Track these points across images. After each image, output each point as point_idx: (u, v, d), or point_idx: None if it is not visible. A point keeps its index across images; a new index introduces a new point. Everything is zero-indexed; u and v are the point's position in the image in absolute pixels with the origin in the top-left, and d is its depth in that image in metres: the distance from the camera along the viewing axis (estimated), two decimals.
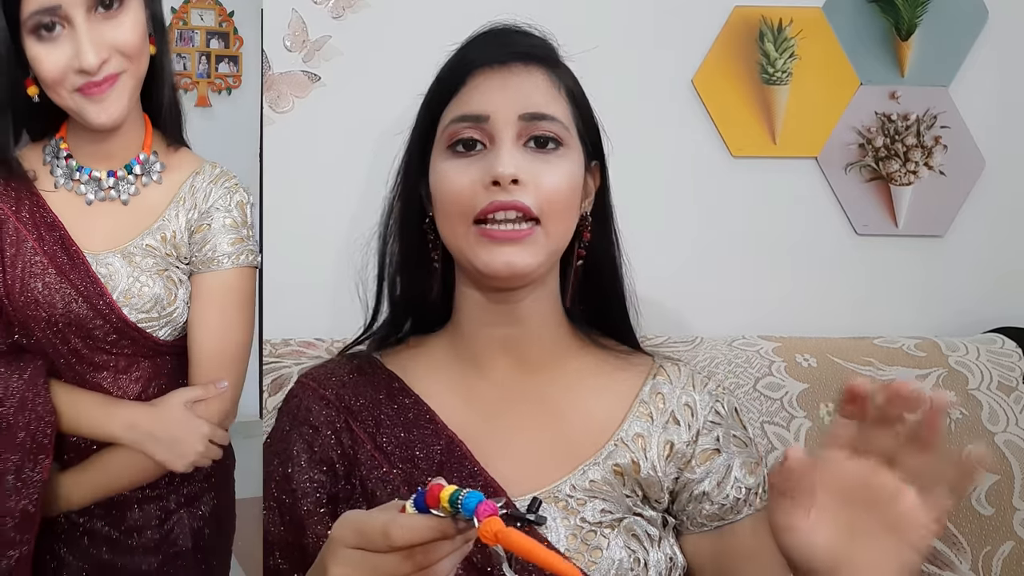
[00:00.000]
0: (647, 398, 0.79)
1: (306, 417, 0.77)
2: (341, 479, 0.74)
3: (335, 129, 1.21)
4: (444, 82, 0.77)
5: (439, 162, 0.75)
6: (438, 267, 0.79)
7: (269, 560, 0.74)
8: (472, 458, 0.73)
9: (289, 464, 0.75)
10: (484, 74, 0.74)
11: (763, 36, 1.24)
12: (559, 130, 0.74)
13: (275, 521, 0.74)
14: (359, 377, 0.80)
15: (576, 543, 0.71)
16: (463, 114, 0.73)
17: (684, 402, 0.79)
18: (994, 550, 1.00)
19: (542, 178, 0.72)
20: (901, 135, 1.26)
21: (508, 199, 0.70)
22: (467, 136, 0.73)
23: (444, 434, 0.75)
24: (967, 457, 0.52)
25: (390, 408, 0.77)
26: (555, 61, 0.78)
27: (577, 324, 0.83)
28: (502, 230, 0.70)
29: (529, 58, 0.75)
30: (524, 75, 0.74)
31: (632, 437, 0.76)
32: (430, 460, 0.73)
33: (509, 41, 0.76)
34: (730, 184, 1.25)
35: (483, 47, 0.76)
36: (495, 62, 0.74)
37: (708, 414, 0.79)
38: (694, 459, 0.77)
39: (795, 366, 1.09)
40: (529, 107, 0.73)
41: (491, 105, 0.73)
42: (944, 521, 0.51)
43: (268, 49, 1.19)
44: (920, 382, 1.08)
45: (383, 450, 0.74)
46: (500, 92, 0.73)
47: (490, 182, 0.70)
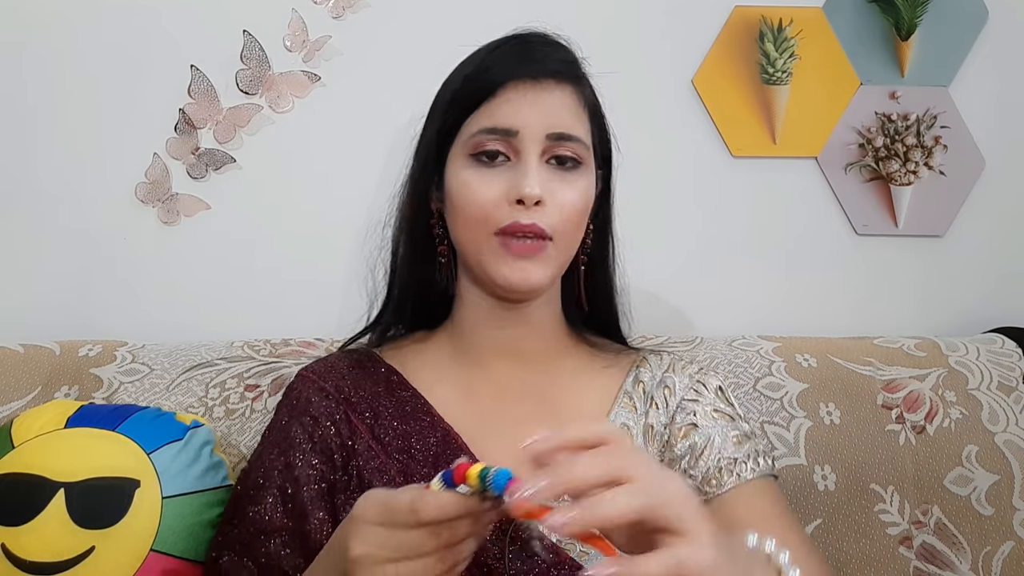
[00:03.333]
0: (630, 388, 0.82)
1: (306, 408, 0.79)
2: (339, 469, 0.75)
3: (335, 129, 1.21)
4: (472, 88, 0.77)
5: (460, 168, 0.76)
6: (444, 261, 0.81)
7: (268, 545, 0.74)
8: (468, 451, 0.74)
9: (291, 452, 0.76)
10: (516, 88, 0.75)
11: (763, 36, 1.24)
12: (581, 150, 0.76)
13: (276, 509, 0.74)
14: (358, 371, 0.81)
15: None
16: (493, 127, 0.74)
17: (663, 384, 0.82)
18: (994, 550, 0.99)
19: (561, 197, 0.74)
20: (901, 135, 1.26)
21: (528, 222, 0.72)
22: (492, 148, 0.74)
23: (441, 427, 0.76)
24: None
25: (388, 401, 0.78)
26: (581, 77, 0.80)
27: (571, 323, 0.86)
28: (519, 244, 0.73)
29: (560, 75, 0.76)
30: (555, 92, 0.76)
31: (619, 427, 0.78)
32: (426, 452, 0.74)
33: (542, 56, 0.77)
34: (730, 184, 1.25)
35: (516, 59, 0.76)
36: (528, 76, 0.75)
37: (686, 393, 0.81)
38: (672, 437, 0.78)
39: (795, 366, 1.09)
40: (557, 127, 0.74)
41: (521, 121, 0.74)
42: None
43: (268, 49, 1.20)
44: (919, 383, 1.08)
45: (380, 441, 0.75)
46: (531, 108, 0.74)
47: (515, 199, 0.72)
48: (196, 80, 1.19)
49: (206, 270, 1.20)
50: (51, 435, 0.90)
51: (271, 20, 1.19)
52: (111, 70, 1.18)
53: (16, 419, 0.93)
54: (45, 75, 1.18)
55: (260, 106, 1.20)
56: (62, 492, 0.85)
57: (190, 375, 1.06)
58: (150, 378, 1.05)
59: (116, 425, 0.92)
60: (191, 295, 1.20)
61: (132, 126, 1.19)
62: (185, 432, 0.94)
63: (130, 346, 1.09)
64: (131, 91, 1.19)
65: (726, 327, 1.20)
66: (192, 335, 1.14)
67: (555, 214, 0.73)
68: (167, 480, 0.90)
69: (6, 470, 0.88)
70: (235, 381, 1.05)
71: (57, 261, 1.19)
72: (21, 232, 1.19)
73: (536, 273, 0.74)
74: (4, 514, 0.85)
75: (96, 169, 1.19)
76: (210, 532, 0.91)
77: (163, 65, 1.18)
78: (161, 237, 1.20)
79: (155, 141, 1.19)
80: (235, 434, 1.02)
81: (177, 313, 1.20)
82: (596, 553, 0.70)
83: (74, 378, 1.05)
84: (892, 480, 1.02)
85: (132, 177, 1.19)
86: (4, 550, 0.84)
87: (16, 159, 1.18)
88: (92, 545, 0.84)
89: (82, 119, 1.18)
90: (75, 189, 1.19)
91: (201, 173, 1.20)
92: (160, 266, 1.20)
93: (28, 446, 0.89)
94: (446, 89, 0.82)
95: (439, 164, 0.79)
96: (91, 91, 1.18)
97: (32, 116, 1.18)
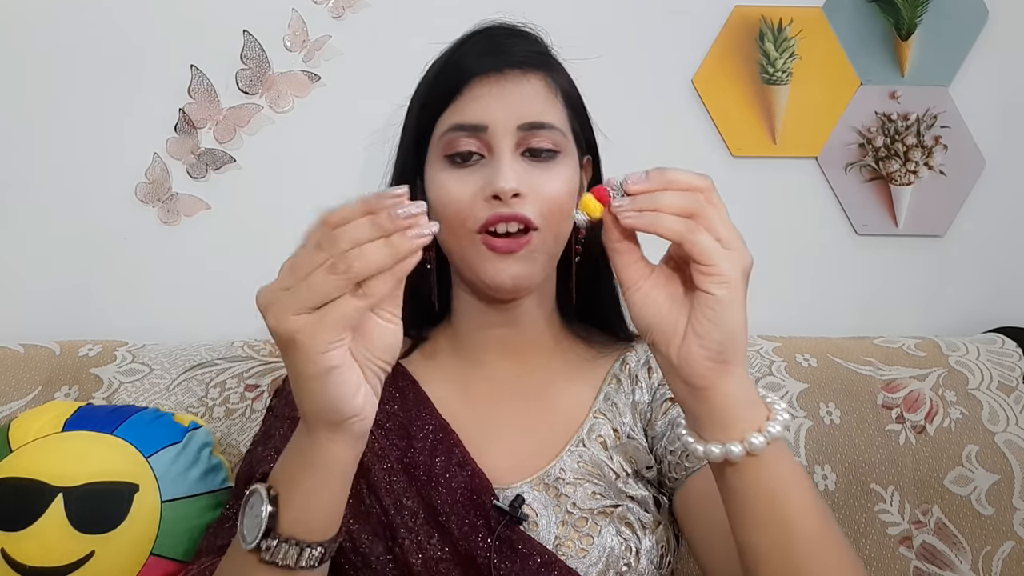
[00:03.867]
0: (617, 370, 0.82)
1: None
2: None
3: (335, 129, 1.21)
4: (439, 88, 0.76)
5: (436, 172, 0.74)
6: (431, 268, 0.80)
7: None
8: (462, 447, 0.73)
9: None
10: (481, 82, 0.73)
11: (763, 36, 1.24)
12: (557, 138, 0.74)
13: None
14: None
15: (566, 530, 0.71)
16: (460, 123, 0.73)
17: (646, 365, 0.82)
18: (994, 550, 0.99)
19: (542, 188, 0.72)
20: (901, 135, 1.26)
21: (510, 211, 0.70)
22: (464, 149, 0.72)
23: (438, 419, 0.76)
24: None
25: (389, 387, 0.77)
26: (551, 64, 0.78)
27: (565, 318, 0.85)
28: (504, 240, 0.71)
29: (526, 65, 0.74)
30: (522, 83, 0.74)
31: (608, 407, 0.79)
32: (424, 440, 0.74)
33: (505, 47, 0.75)
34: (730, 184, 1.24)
35: (479, 53, 0.75)
36: (492, 70, 0.73)
37: None
38: (653, 415, 0.78)
39: (795, 366, 1.09)
40: (527, 116, 0.72)
41: (489, 115, 0.72)
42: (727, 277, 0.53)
43: (268, 49, 1.20)
44: (919, 382, 1.08)
45: (380, 425, 0.75)
46: (498, 101, 0.72)
47: (491, 195, 0.70)
48: (196, 80, 1.19)
49: (206, 270, 1.20)
50: (49, 439, 0.90)
51: (271, 20, 1.19)
52: (111, 70, 1.18)
53: (13, 422, 0.93)
54: (45, 75, 1.18)
55: (260, 106, 1.20)
56: (61, 497, 0.85)
57: (190, 375, 1.06)
58: (150, 378, 1.05)
59: (114, 428, 0.92)
60: (191, 295, 1.20)
61: (132, 126, 1.19)
62: (184, 434, 0.94)
63: (130, 346, 1.09)
64: (131, 91, 1.19)
65: None
66: (192, 335, 1.14)
67: (537, 204, 0.71)
68: (166, 484, 0.90)
69: (4, 475, 0.87)
70: (235, 381, 1.05)
71: (57, 261, 1.19)
72: (21, 232, 1.19)
73: (524, 270, 0.72)
74: (3, 519, 0.85)
75: (96, 169, 1.19)
76: None
77: (163, 65, 1.18)
78: (161, 237, 1.20)
79: (155, 141, 1.19)
80: (235, 434, 1.02)
81: (177, 313, 1.20)
82: (594, 546, 0.69)
83: (74, 378, 1.05)
84: (892, 480, 1.02)
85: (132, 177, 1.19)
86: (4, 555, 0.84)
87: (16, 159, 1.18)
88: (92, 550, 0.84)
89: (82, 119, 1.18)
90: (75, 189, 1.19)
91: (201, 173, 1.20)
92: (160, 266, 1.20)
93: (26, 450, 0.89)
94: (417, 91, 0.80)
95: (418, 169, 0.78)
96: (91, 91, 1.18)
97: (32, 116, 1.18)
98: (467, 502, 0.71)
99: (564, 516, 0.71)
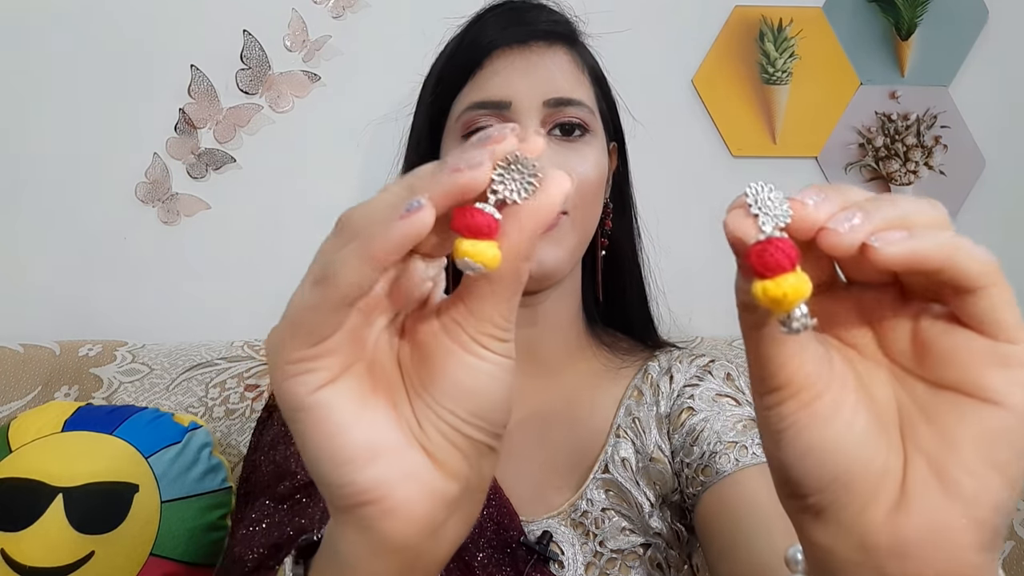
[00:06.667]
0: (639, 382, 0.74)
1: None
2: None
3: (335, 129, 1.21)
4: (458, 62, 0.70)
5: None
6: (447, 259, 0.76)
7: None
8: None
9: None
10: (503, 55, 0.67)
11: (763, 36, 1.24)
12: (585, 115, 0.68)
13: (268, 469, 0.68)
14: None
15: (593, 572, 0.65)
16: (481, 100, 0.67)
17: (667, 373, 0.74)
18: None
19: (571, 169, 0.64)
20: (901, 135, 1.26)
21: None
22: (485, 125, 0.65)
23: None
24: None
25: None
26: (577, 39, 0.73)
27: (590, 322, 0.78)
28: None
29: (552, 36, 0.69)
30: (548, 56, 0.68)
31: (630, 424, 0.72)
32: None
33: (529, 18, 0.69)
34: (730, 184, 1.25)
35: (501, 25, 0.69)
36: (515, 42, 0.67)
37: (688, 379, 0.73)
38: (672, 425, 0.71)
39: None
40: (554, 92, 0.67)
41: (512, 90, 0.66)
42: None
43: (268, 49, 1.20)
44: None
45: None
46: (522, 76, 0.66)
47: None
48: (196, 80, 1.19)
49: (206, 270, 1.20)
50: (48, 439, 0.90)
51: (271, 20, 1.19)
52: (111, 70, 1.18)
53: (13, 422, 0.93)
54: (45, 75, 1.18)
55: (260, 106, 1.20)
56: (60, 497, 0.85)
57: (190, 375, 1.06)
58: (150, 378, 1.05)
59: (114, 428, 0.92)
60: (191, 295, 1.20)
61: (132, 126, 1.19)
62: (183, 434, 0.94)
63: (130, 346, 1.09)
64: (131, 91, 1.18)
65: (726, 327, 1.19)
66: (192, 335, 1.14)
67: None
68: (165, 484, 0.90)
69: (4, 475, 0.88)
70: (235, 381, 1.05)
71: (57, 261, 1.19)
72: (21, 232, 1.19)
73: (551, 255, 0.65)
74: (3, 519, 0.85)
75: (96, 169, 1.19)
76: (209, 535, 0.92)
77: (163, 65, 1.18)
78: (161, 237, 1.20)
79: (155, 141, 1.19)
80: (235, 434, 1.02)
81: (177, 313, 1.20)
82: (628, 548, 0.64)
83: (74, 378, 1.05)
84: None
85: (132, 177, 1.19)
86: (3, 555, 0.84)
87: (16, 159, 1.18)
88: (92, 550, 0.84)
89: (82, 119, 1.18)
90: (75, 189, 1.19)
91: (201, 173, 1.20)
92: (160, 266, 1.20)
93: (26, 450, 0.89)
94: (432, 70, 0.75)
95: (433, 152, 0.72)
96: (91, 91, 1.18)
97: (32, 116, 1.18)
98: (493, 537, 0.63)
99: (591, 557, 0.66)
